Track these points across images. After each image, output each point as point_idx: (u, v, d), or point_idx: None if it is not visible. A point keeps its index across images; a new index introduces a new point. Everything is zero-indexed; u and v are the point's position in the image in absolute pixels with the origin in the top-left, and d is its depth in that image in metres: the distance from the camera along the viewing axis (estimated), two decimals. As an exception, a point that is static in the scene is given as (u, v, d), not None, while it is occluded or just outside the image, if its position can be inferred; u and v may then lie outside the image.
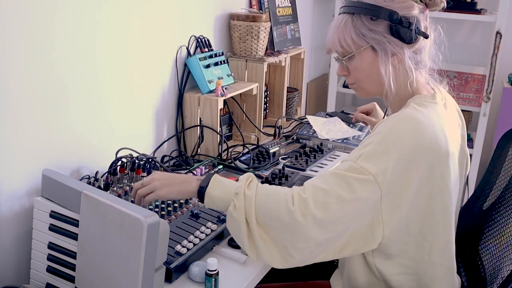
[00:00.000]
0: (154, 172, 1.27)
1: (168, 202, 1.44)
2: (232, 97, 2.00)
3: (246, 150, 1.93)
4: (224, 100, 1.95)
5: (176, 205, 1.44)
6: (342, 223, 1.11)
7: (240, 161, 1.84)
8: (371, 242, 1.15)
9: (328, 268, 1.53)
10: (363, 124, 1.87)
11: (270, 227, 1.12)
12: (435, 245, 1.20)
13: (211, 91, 1.87)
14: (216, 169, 1.73)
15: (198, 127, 1.86)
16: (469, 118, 2.98)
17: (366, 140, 1.16)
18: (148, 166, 1.56)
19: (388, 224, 1.13)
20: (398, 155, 1.10)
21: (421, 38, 1.22)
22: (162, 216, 1.38)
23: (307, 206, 1.08)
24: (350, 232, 1.13)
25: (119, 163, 1.51)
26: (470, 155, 2.79)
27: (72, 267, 1.16)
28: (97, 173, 1.49)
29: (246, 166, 1.80)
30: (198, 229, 1.34)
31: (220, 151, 1.86)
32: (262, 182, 1.59)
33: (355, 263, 1.26)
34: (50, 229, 1.18)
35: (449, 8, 2.84)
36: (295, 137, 2.15)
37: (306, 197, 1.09)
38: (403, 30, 1.18)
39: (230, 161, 1.81)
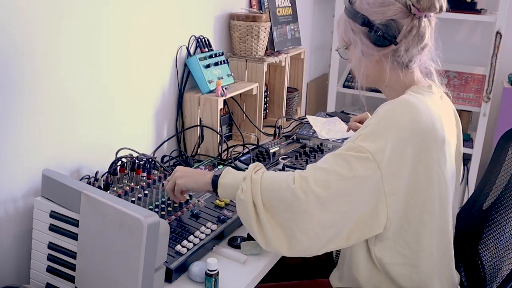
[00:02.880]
0: (177, 167, 1.39)
1: (168, 202, 1.44)
2: (232, 97, 2.00)
3: (246, 150, 1.93)
4: (224, 100, 1.95)
5: (176, 205, 1.44)
6: (344, 203, 1.13)
7: (240, 161, 1.84)
8: (376, 226, 1.17)
9: (327, 266, 1.53)
10: None
11: (275, 208, 1.17)
12: (434, 234, 1.22)
13: (211, 91, 1.87)
14: (216, 169, 1.73)
15: (198, 127, 1.86)
16: (469, 118, 2.98)
17: (366, 122, 1.21)
18: (148, 166, 1.56)
19: (391, 206, 1.16)
20: (395, 136, 1.14)
21: (402, 41, 1.22)
22: (162, 216, 1.38)
23: (307, 184, 1.13)
24: (356, 217, 1.15)
25: (119, 163, 1.51)
26: (470, 155, 2.82)
27: (72, 267, 1.16)
28: (97, 173, 1.49)
29: (246, 166, 1.79)
30: (198, 229, 1.34)
31: (220, 151, 1.86)
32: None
33: (356, 254, 1.27)
34: (50, 229, 1.18)
35: (449, 8, 2.84)
36: (295, 137, 2.15)
37: (306, 175, 1.15)
38: (373, 36, 1.23)
39: (230, 161, 1.81)
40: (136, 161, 1.53)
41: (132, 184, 1.50)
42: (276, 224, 1.17)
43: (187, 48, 1.88)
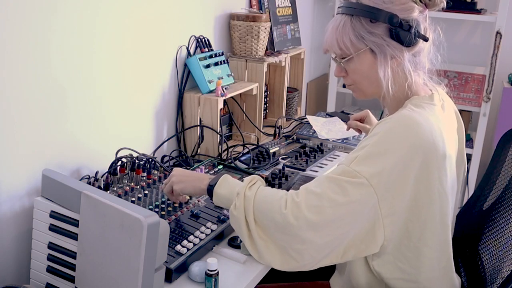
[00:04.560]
0: (174, 169, 1.36)
1: (168, 202, 1.44)
2: (232, 97, 2.00)
3: (246, 150, 1.92)
4: (224, 100, 1.95)
5: (176, 205, 1.44)
6: (338, 227, 1.10)
7: (240, 161, 1.84)
8: (373, 245, 1.15)
9: (328, 268, 1.53)
10: (356, 132, 1.86)
11: (268, 228, 1.14)
12: (435, 248, 1.20)
13: (211, 91, 1.87)
14: (216, 169, 1.73)
15: (198, 127, 1.86)
16: (469, 118, 2.98)
17: (362, 142, 1.16)
18: (148, 166, 1.56)
19: (389, 227, 1.13)
20: (395, 157, 1.09)
21: (420, 40, 1.20)
22: (162, 216, 1.38)
23: (299, 210, 1.09)
24: (352, 236, 1.13)
25: (119, 163, 1.51)
26: (470, 155, 2.82)
27: (72, 267, 1.16)
28: (97, 173, 1.49)
29: (246, 166, 1.79)
30: (198, 229, 1.34)
31: (220, 151, 1.86)
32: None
33: (356, 266, 1.26)
34: (50, 229, 1.18)
35: (449, 8, 2.84)
36: (295, 137, 2.15)
37: (298, 201, 1.11)
38: (403, 33, 1.16)
39: (230, 161, 1.81)
40: (136, 161, 1.53)
41: (132, 184, 1.50)
42: (269, 240, 1.14)
43: (187, 48, 1.88)
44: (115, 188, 1.46)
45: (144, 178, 1.54)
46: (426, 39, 1.20)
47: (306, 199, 1.10)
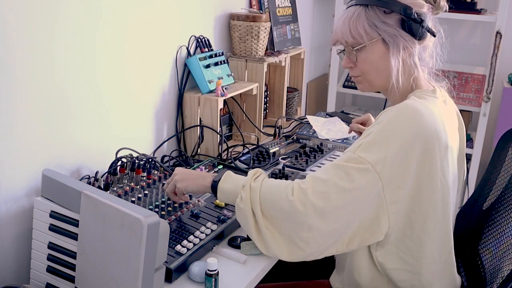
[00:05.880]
0: (176, 169, 1.38)
1: (168, 202, 1.44)
2: (232, 97, 2.00)
3: (246, 150, 1.92)
4: (224, 100, 1.95)
5: (176, 205, 1.44)
6: (344, 213, 1.12)
7: (240, 161, 1.84)
8: (377, 233, 1.16)
9: (328, 267, 1.53)
10: (358, 135, 1.87)
11: (275, 218, 1.16)
12: (436, 240, 1.21)
13: (211, 91, 1.87)
14: (216, 169, 1.73)
15: (198, 127, 1.86)
16: (469, 118, 2.98)
17: (367, 130, 1.18)
18: (148, 166, 1.56)
19: (393, 215, 1.15)
20: (398, 144, 1.11)
21: (429, 35, 1.24)
22: (162, 216, 1.38)
23: (306, 196, 1.12)
24: (357, 224, 1.14)
25: (119, 163, 1.51)
26: (470, 155, 2.82)
27: (72, 267, 1.16)
28: (97, 173, 1.49)
29: (246, 166, 1.79)
30: (198, 229, 1.34)
31: (220, 151, 1.86)
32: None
33: (358, 258, 1.27)
34: (50, 229, 1.18)
35: (449, 8, 2.83)
36: (295, 137, 2.16)
37: (305, 187, 1.13)
38: (414, 26, 1.21)
39: (230, 161, 1.81)
40: (136, 161, 1.53)
41: (132, 184, 1.50)
42: (276, 231, 1.16)
43: (187, 48, 1.88)
44: (115, 188, 1.46)
45: (144, 178, 1.54)
46: (434, 34, 1.25)
47: (313, 186, 1.13)
